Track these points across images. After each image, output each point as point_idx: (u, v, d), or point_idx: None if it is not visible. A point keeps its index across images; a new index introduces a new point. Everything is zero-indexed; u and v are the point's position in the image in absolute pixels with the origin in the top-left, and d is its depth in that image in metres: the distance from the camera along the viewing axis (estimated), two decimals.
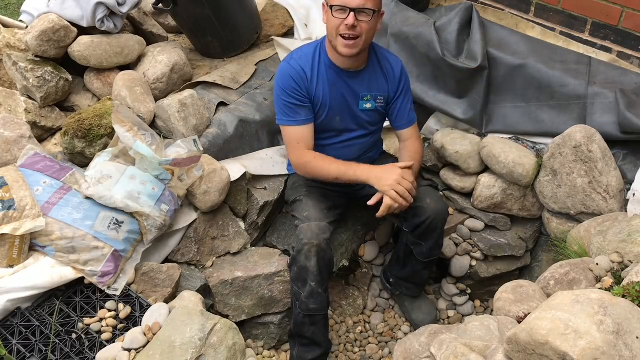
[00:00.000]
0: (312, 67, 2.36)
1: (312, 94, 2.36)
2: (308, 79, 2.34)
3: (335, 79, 2.38)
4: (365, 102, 2.44)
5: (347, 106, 2.43)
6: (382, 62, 2.44)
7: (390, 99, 2.48)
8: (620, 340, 1.33)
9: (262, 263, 2.62)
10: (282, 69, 2.37)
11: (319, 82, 2.36)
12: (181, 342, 1.91)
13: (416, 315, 2.85)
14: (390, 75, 2.44)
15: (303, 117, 2.36)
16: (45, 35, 2.58)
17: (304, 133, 2.38)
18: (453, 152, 2.77)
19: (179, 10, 2.93)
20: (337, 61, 2.35)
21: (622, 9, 2.58)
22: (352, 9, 2.14)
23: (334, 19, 2.19)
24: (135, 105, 2.60)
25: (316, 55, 2.38)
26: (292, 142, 2.40)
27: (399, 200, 2.27)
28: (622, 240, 2.01)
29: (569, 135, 2.50)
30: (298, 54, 2.40)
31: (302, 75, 2.34)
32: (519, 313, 1.81)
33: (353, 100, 2.42)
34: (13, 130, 2.44)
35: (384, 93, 2.46)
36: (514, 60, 2.75)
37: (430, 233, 2.48)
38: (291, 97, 2.33)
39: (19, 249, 2.12)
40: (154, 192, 2.34)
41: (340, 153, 2.49)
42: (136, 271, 2.31)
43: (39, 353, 2.01)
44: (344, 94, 2.40)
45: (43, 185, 2.24)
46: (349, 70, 2.37)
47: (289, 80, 2.33)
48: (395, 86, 2.46)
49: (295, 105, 2.34)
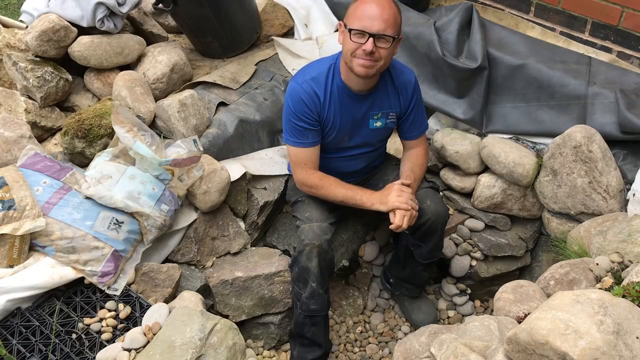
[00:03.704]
0: (324, 90, 2.29)
1: (322, 117, 2.32)
2: (320, 103, 2.29)
3: (347, 102, 2.33)
4: (376, 121, 2.41)
5: (356, 127, 2.40)
6: (395, 78, 2.37)
7: (403, 113, 2.44)
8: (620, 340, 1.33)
9: (262, 263, 2.62)
10: (294, 91, 2.29)
11: (331, 105, 2.31)
12: (181, 342, 1.91)
13: (416, 316, 2.85)
14: (403, 91, 2.39)
15: (311, 140, 2.33)
16: (45, 35, 2.58)
17: (311, 155, 2.36)
18: (453, 152, 2.77)
19: (179, 10, 2.93)
20: (350, 83, 2.28)
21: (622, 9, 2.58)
22: (372, 35, 2.09)
23: (352, 43, 2.12)
24: (135, 105, 2.60)
25: (329, 77, 2.31)
26: (299, 163, 2.38)
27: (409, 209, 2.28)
28: (622, 240, 2.00)
29: (569, 135, 2.49)
30: (311, 74, 2.31)
31: (314, 100, 2.28)
32: (519, 313, 1.81)
33: (363, 121, 2.39)
34: (13, 130, 2.44)
35: (396, 109, 2.42)
36: (514, 60, 2.75)
37: (430, 235, 2.48)
38: (301, 120, 2.29)
39: (19, 249, 2.12)
40: (154, 192, 2.34)
41: (346, 164, 2.50)
42: (136, 271, 2.31)
43: (39, 353, 2.01)
44: (354, 116, 2.36)
45: (43, 185, 2.24)
46: (360, 92, 2.32)
47: (300, 103, 2.27)
48: (408, 101, 2.42)
49: (304, 129, 2.30)
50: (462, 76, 2.78)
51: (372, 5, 2.09)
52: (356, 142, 2.46)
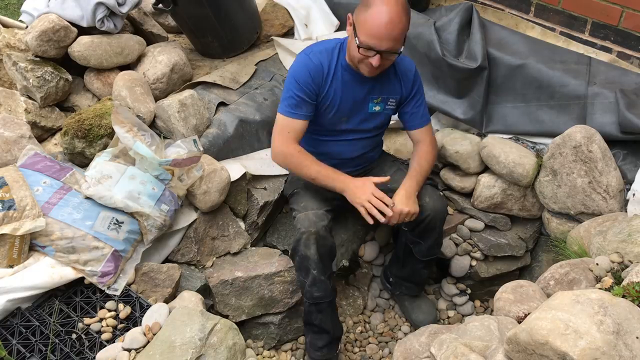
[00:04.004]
0: (329, 65, 2.32)
1: (323, 92, 2.33)
2: (324, 77, 2.31)
3: (349, 81, 2.35)
4: (375, 105, 2.42)
5: (355, 108, 2.41)
6: (396, 65, 2.39)
7: (403, 100, 2.46)
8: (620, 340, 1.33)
9: (262, 263, 2.62)
10: (302, 61, 2.32)
11: (334, 81, 2.33)
12: (181, 342, 1.91)
13: (416, 315, 2.85)
14: (404, 77, 2.42)
15: (304, 112, 2.33)
16: (45, 35, 2.59)
17: (298, 127, 2.35)
18: (453, 152, 2.78)
19: (179, 10, 2.93)
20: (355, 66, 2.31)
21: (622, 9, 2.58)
22: (380, 52, 2.12)
23: (359, 53, 2.15)
24: (135, 106, 2.61)
25: (335, 53, 2.33)
26: (283, 131, 2.35)
27: (368, 218, 2.27)
28: (622, 240, 2.00)
29: (568, 135, 2.50)
30: (319, 48, 2.35)
31: (319, 72, 2.30)
32: (519, 313, 1.81)
33: (362, 103, 2.41)
34: (13, 130, 2.44)
35: (396, 95, 2.44)
36: (514, 60, 2.75)
37: (429, 231, 2.48)
38: (301, 91, 2.30)
39: (19, 249, 2.12)
40: (154, 192, 2.34)
41: (341, 149, 2.50)
42: (136, 271, 2.31)
43: (38, 353, 2.01)
44: (354, 97, 2.38)
45: (43, 185, 2.24)
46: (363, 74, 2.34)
47: (305, 74, 2.29)
48: (409, 88, 2.44)
49: (301, 100, 2.31)
50: (462, 76, 2.78)
51: (384, 22, 2.06)
52: (353, 125, 2.46)
